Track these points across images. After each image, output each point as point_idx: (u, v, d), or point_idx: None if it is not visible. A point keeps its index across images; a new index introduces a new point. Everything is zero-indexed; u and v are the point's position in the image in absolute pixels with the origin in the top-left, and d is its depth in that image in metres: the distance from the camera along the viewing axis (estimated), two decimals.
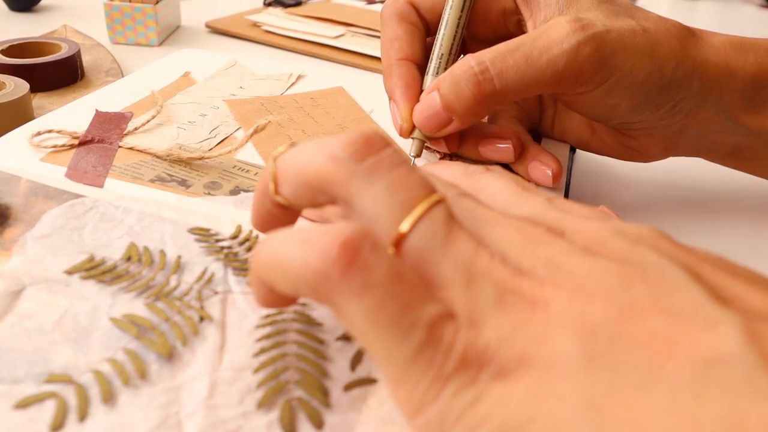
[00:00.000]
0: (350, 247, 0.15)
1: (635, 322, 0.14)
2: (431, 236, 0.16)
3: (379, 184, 0.17)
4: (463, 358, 0.14)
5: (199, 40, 0.59)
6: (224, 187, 0.29)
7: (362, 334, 0.15)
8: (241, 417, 0.18)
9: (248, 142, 0.34)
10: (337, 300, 0.15)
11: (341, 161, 0.17)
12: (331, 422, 0.18)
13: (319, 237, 0.15)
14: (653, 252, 0.16)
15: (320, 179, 0.18)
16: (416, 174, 0.17)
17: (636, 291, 0.14)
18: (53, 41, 0.46)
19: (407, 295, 0.15)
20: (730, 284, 0.15)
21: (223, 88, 0.41)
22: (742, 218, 0.34)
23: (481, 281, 0.16)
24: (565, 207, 0.20)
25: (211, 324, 0.21)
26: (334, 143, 0.17)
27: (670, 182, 0.38)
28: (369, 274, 0.15)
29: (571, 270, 0.15)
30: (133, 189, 0.28)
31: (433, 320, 0.15)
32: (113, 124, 0.34)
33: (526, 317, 0.15)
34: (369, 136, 0.17)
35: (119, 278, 0.23)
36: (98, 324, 0.21)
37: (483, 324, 0.15)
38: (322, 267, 0.15)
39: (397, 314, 0.15)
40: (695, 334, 0.13)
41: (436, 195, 0.17)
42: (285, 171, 0.19)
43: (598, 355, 0.13)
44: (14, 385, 0.18)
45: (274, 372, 0.19)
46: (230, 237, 0.26)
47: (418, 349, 0.14)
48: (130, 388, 0.19)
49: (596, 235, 0.17)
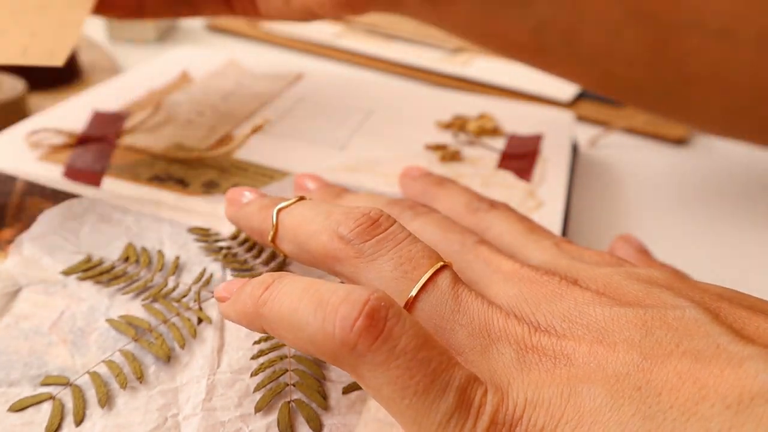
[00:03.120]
0: (375, 317, 0.14)
1: (660, 367, 0.14)
2: (439, 304, 0.16)
3: (383, 260, 0.17)
4: (493, 420, 0.14)
5: (198, 38, 0.59)
6: (222, 185, 0.29)
7: (390, 402, 0.15)
8: (239, 419, 0.18)
9: (247, 140, 0.33)
10: (362, 371, 0.15)
11: (348, 241, 0.18)
12: (330, 425, 0.18)
13: (339, 302, 0.15)
14: (669, 293, 0.16)
15: (325, 255, 0.18)
16: (418, 244, 0.18)
17: (657, 336, 0.14)
18: None
19: (436, 361, 0.14)
20: (749, 320, 0.15)
21: (220, 86, 0.40)
22: (743, 218, 0.34)
23: (499, 344, 0.16)
24: (575, 253, 0.20)
25: (209, 326, 0.21)
26: (341, 220, 0.18)
27: (672, 182, 0.38)
28: (396, 344, 0.14)
29: (588, 322, 0.15)
30: (131, 188, 0.28)
31: (463, 385, 0.14)
32: (111, 123, 0.34)
33: (550, 374, 0.15)
34: (374, 218, 0.18)
35: (117, 279, 0.23)
36: (95, 325, 0.21)
37: (508, 385, 0.15)
38: (347, 338, 0.14)
39: (427, 381, 0.14)
40: (723, 373, 0.13)
41: (439, 261, 0.17)
42: (287, 230, 0.20)
43: (627, 403, 0.13)
44: (10, 388, 0.18)
45: (272, 374, 0.19)
46: (230, 237, 0.25)
47: (450, 415, 0.14)
48: (127, 391, 0.18)
49: (609, 279, 0.17)
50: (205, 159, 0.31)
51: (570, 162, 0.34)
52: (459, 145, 0.34)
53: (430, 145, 0.34)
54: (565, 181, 0.32)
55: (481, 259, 0.19)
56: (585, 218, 0.32)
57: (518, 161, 0.33)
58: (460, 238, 0.20)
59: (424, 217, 0.22)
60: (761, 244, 0.32)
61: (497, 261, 0.19)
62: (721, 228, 0.33)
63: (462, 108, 0.39)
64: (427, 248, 0.18)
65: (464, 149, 0.34)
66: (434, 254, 0.18)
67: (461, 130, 0.36)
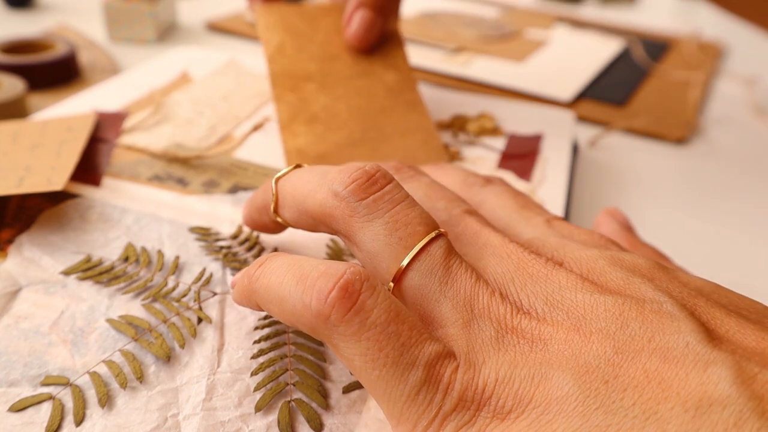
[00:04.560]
0: (349, 290, 0.15)
1: (630, 362, 0.14)
2: (430, 273, 0.17)
3: (378, 222, 0.17)
4: (462, 398, 0.15)
5: (198, 38, 0.59)
6: (222, 185, 0.29)
7: (361, 373, 0.15)
8: (239, 419, 0.18)
9: (246, 140, 0.33)
10: (336, 341, 0.15)
11: (342, 198, 0.18)
12: (331, 425, 0.18)
13: (318, 277, 0.16)
14: (650, 285, 0.16)
15: (322, 213, 0.18)
16: (416, 209, 0.18)
17: (632, 329, 0.15)
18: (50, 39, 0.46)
19: (406, 335, 0.15)
20: (724, 320, 0.15)
21: (221, 86, 0.40)
22: (743, 218, 0.34)
23: (481, 320, 0.16)
24: (565, 231, 0.20)
25: (209, 325, 0.21)
26: (336, 178, 0.18)
27: (672, 182, 0.38)
28: (367, 316, 0.15)
29: (569, 307, 0.16)
30: (131, 188, 0.28)
31: (432, 359, 0.15)
32: (110, 123, 0.33)
33: (525, 357, 0.15)
34: (371, 174, 0.18)
35: (116, 279, 0.22)
36: (95, 325, 0.21)
37: (482, 363, 0.15)
38: (321, 309, 0.15)
39: (396, 354, 0.15)
40: (688, 376, 0.13)
41: (435, 230, 0.17)
42: (286, 196, 0.20)
43: (593, 395, 0.14)
44: (10, 388, 0.18)
45: (272, 374, 0.19)
46: (230, 237, 0.25)
47: (417, 389, 0.15)
48: (127, 391, 0.18)
49: (594, 264, 0.17)
50: (205, 158, 0.31)
51: (570, 162, 0.34)
52: (459, 145, 0.34)
53: None
54: (565, 181, 0.32)
55: (470, 231, 0.19)
56: (585, 218, 0.32)
57: (518, 161, 0.33)
58: (447, 206, 0.20)
59: (411, 182, 0.22)
60: (761, 244, 0.32)
61: (485, 234, 0.19)
62: (721, 228, 0.33)
63: (462, 108, 0.39)
64: (424, 214, 0.18)
65: (464, 149, 0.34)
66: (431, 221, 0.18)
67: (461, 130, 0.36)
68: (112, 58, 0.50)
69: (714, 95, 0.53)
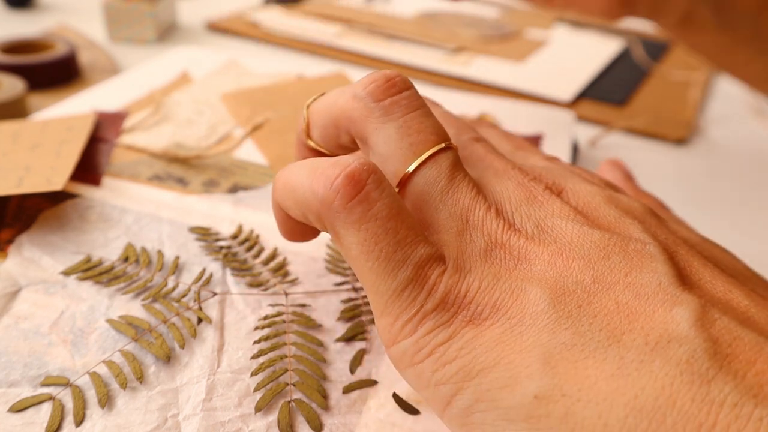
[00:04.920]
0: (355, 179, 0.16)
1: (605, 292, 0.15)
2: (434, 180, 0.17)
3: (392, 125, 0.18)
4: (444, 300, 0.15)
5: (198, 38, 0.59)
6: (222, 185, 0.29)
7: (355, 262, 0.16)
8: (239, 419, 0.18)
9: (246, 140, 0.33)
10: (337, 228, 0.16)
11: (360, 99, 0.18)
12: (331, 425, 0.18)
13: (328, 166, 0.16)
14: (638, 226, 0.17)
15: (343, 116, 0.19)
16: (430, 118, 0.18)
17: (611, 262, 0.15)
18: (50, 39, 0.46)
19: (402, 233, 0.16)
20: (699, 269, 0.16)
21: (221, 86, 0.40)
22: (743, 218, 0.34)
23: (474, 231, 0.16)
24: (567, 166, 0.21)
25: (209, 325, 0.21)
26: (357, 83, 0.19)
27: (672, 182, 0.38)
28: (369, 207, 0.15)
29: (558, 233, 0.16)
30: (131, 188, 0.28)
31: (422, 261, 0.16)
32: (110, 123, 0.33)
33: (509, 271, 0.16)
34: (390, 77, 0.18)
35: (116, 279, 0.22)
36: (95, 326, 0.21)
37: (468, 271, 0.16)
38: (326, 194, 0.16)
39: (390, 250, 0.15)
40: (654, 312, 0.14)
41: (445, 141, 0.18)
42: (315, 114, 0.20)
43: (565, 316, 0.14)
44: (10, 388, 0.18)
45: (272, 374, 0.19)
46: (230, 237, 0.25)
47: (404, 285, 0.15)
48: (127, 391, 0.18)
49: (591, 198, 0.18)
50: (204, 158, 0.31)
51: (570, 162, 0.34)
52: None
53: None
54: None
55: (476, 156, 0.19)
56: None
57: None
58: (457, 132, 0.20)
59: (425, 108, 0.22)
60: (761, 244, 0.32)
61: (491, 158, 0.19)
62: (721, 227, 0.33)
63: (462, 108, 0.39)
64: (437, 124, 0.18)
65: None
66: (443, 132, 0.18)
67: None
68: (112, 58, 0.50)
69: (714, 95, 0.53)
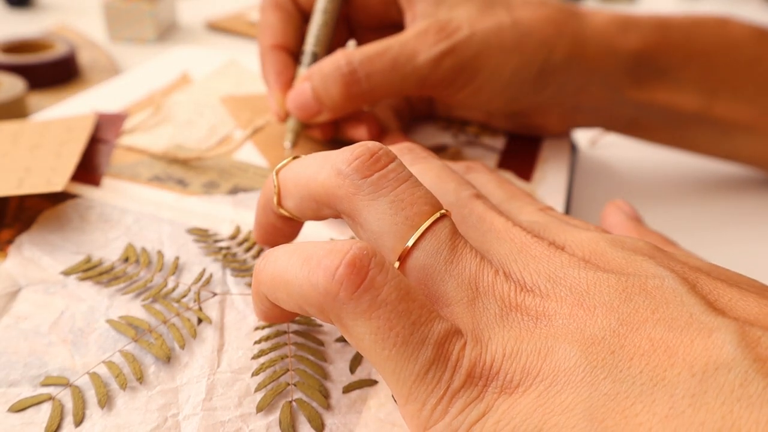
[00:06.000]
0: (357, 266, 0.15)
1: (635, 332, 0.14)
2: (436, 252, 0.16)
3: (383, 201, 0.17)
4: (470, 374, 0.15)
5: (198, 38, 0.59)
6: (222, 186, 0.29)
7: (370, 353, 0.15)
8: (239, 419, 0.18)
9: (246, 142, 0.33)
10: (345, 320, 0.15)
11: (346, 176, 0.17)
12: (331, 424, 0.18)
13: (324, 255, 0.15)
14: (651, 263, 0.16)
15: (325, 194, 0.18)
16: (421, 188, 0.17)
17: (635, 302, 0.15)
18: (50, 39, 0.46)
19: (416, 314, 0.15)
20: (725, 293, 0.15)
21: (221, 87, 0.40)
22: (743, 218, 0.34)
23: (485, 298, 0.16)
24: (562, 218, 0.20)
25: (209, 326, 0.21)
26: (339, 157, 0.18)
27: (672, 182, 0.38)
28: (377, 294, 0.15)
29: (572, 284, 0.16)
30: (131, 188, 0.28)
31: (441, 338, 0.15)
32: (110, 124, 0.34)
33: (530, 332, 0.15)
34: (374, 151, 0.17)
35: (116, 279, 0.22)
36: (95, 326, 0.21)
37: (489, 339, 0.15)
38: (329, 287, 0.15)
39: (406, 333, 0.15)
40: (693, 342, 0.13)
41: (439, 210, 0.17)
42: (288, 184, 0.19)
43: (600, 365, 0.14)
44: (10, 388, 0.18)
45: (273, 374, 0.19)
46: (229, 237, 0.25)
47: (427, 367, 0.15)
48: (127, 391, 0.18)
49: (596, 246, 0.17)
50: (205, 159, 0.31)
51: (570, 162, 0.34)
52: (459, 145, 0.34)
53: (430, 146, 0.34)
54: (565, 181, 0.32)
55: (476, 215, 0.19)
56: (585, 218, 0.32)
57: (518, 161, 0.33)
58: (456, 189, 0.20)
59: (423, 163, 0.21)
60: (761, 244, 0.32)
61: (491, 218, 0.19)
62: (722, 228, 0.33)
63: None
64: (428, 194, 0.17)
65: (464, 149, 0.34)
66: (435, 201, 0.17)
67: (461, 130, 0.36)
68: (112, 58, 0.50)
69: None
